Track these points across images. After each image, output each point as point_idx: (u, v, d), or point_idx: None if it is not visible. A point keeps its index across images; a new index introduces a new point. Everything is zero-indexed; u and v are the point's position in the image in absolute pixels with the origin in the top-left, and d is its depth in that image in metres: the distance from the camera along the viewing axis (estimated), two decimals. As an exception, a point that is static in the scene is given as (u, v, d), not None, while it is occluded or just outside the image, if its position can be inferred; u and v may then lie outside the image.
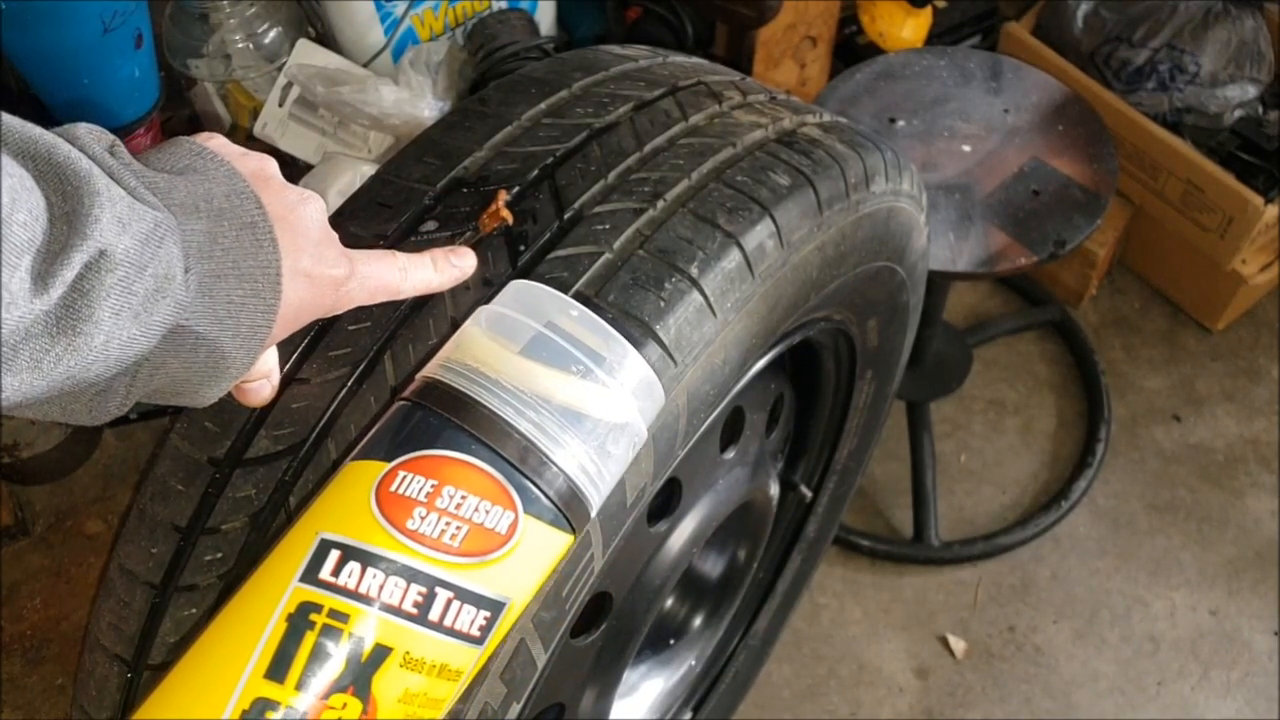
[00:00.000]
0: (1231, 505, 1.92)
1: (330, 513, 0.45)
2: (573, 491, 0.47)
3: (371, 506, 0.44)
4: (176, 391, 0.50)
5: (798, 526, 1.37)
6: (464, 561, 0.43)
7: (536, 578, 0.47)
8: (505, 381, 0.47)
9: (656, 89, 0.82)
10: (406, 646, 0.43)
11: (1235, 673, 1.74)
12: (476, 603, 0.44)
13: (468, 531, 0.44)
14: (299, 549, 0.44)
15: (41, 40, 1.28)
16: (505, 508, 0.45)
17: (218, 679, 0.42)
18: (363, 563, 0.42)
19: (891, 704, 1.71)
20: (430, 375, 0.49)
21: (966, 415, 2.02)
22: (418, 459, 0.45)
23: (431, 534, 0.43)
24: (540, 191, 0.73)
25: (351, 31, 1.51)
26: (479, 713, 0.69)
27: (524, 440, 0.46)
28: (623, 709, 1.20)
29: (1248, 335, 2.14)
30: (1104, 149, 1.58)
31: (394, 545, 0.43)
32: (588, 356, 0.49)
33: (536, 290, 0.52)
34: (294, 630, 0.42)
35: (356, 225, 0.73)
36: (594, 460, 0.48)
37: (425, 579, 0.43)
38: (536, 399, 0.46)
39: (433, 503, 0.44)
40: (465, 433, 0.45)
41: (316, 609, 0.42)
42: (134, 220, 0.44)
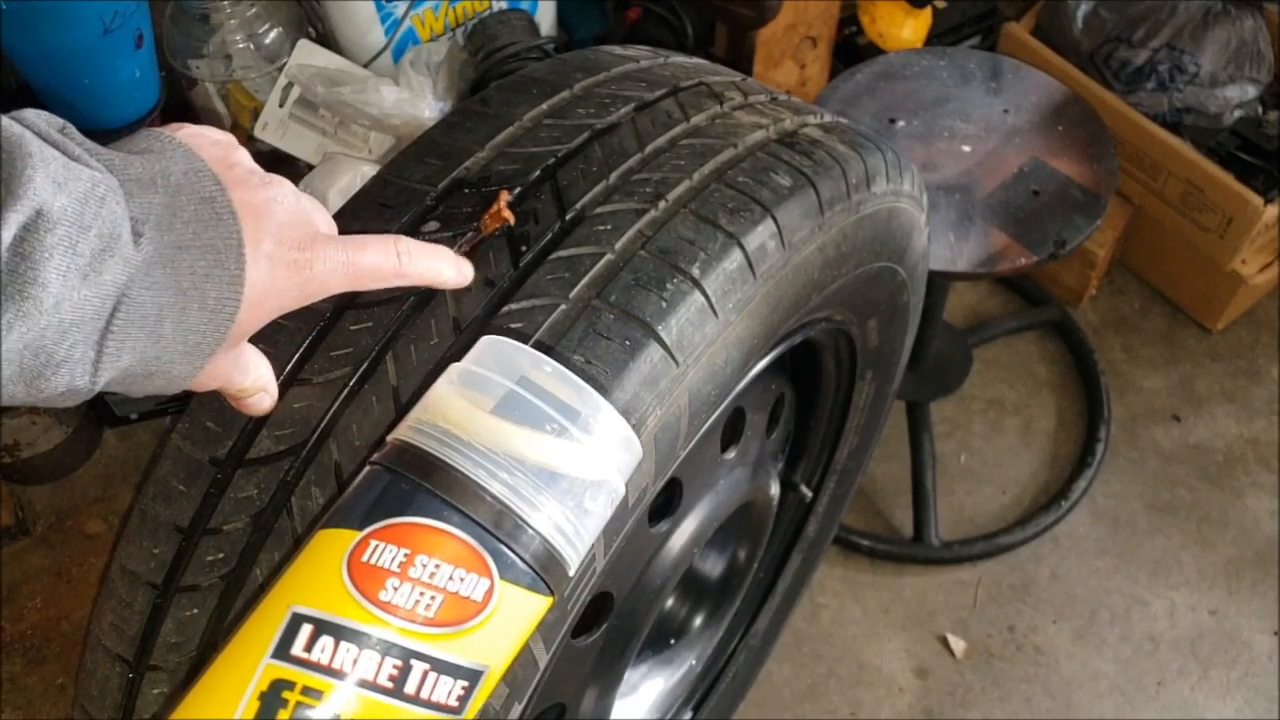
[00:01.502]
0: (1231, 505, 1.92)
1: (302, 585, 0.44)
2: (549, 553, 0.46)
3: (343, 578, 0.43)
4: (148, 371, 0.49)
5: (798, 526, 1.37)
6: (439, 632, 0.43)
7: (514, 642, 0.46)
8: (477, 443, 0.46)
9: (658, 90, 0.82)
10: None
11: (1235, 673, 1.74)
12: (454, 673, 0.43)
13: (442, 601, 0.43)
14: (270, 623, 0.43)
15: (42, 40, 1.28)
16: (480, 575, 0.44)
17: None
18: (336, 637, 0.42)
19: (891, 704, 1.71)
20: (401, 438, 0.48)
21: (966, 415, 2.02)
22: (389, 527, 0.44)
23: (405, 605, 0.42)
24: (542, 192, 0.73)
25: (352, 32, 1.51)
26: (480, 713, 0.69)
27: (498, 504, 0.45)
28: (623, 709, 1.20)
29: (1247, 335, 2.14)
30: (1104, 149, 1.58)
31: (367, 618, 0.42)
32: (562, 413, 0.48)
33: (508, 346, 0.51)
34: (267, 708, 0.41)
35: (358, 225, 0.73)
36: (571, 520, 0.47)
37: (400, 651, 0.42)
38: (510, 460, 0.45)
39: (406, 572, 0.43)
40: (438, 498, 0.44)
41: (289, 686, 0.41)
42: (70, 180, 0.44)
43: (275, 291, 0.55)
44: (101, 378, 0.46)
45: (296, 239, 0.56)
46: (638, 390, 0.66)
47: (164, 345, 0.48)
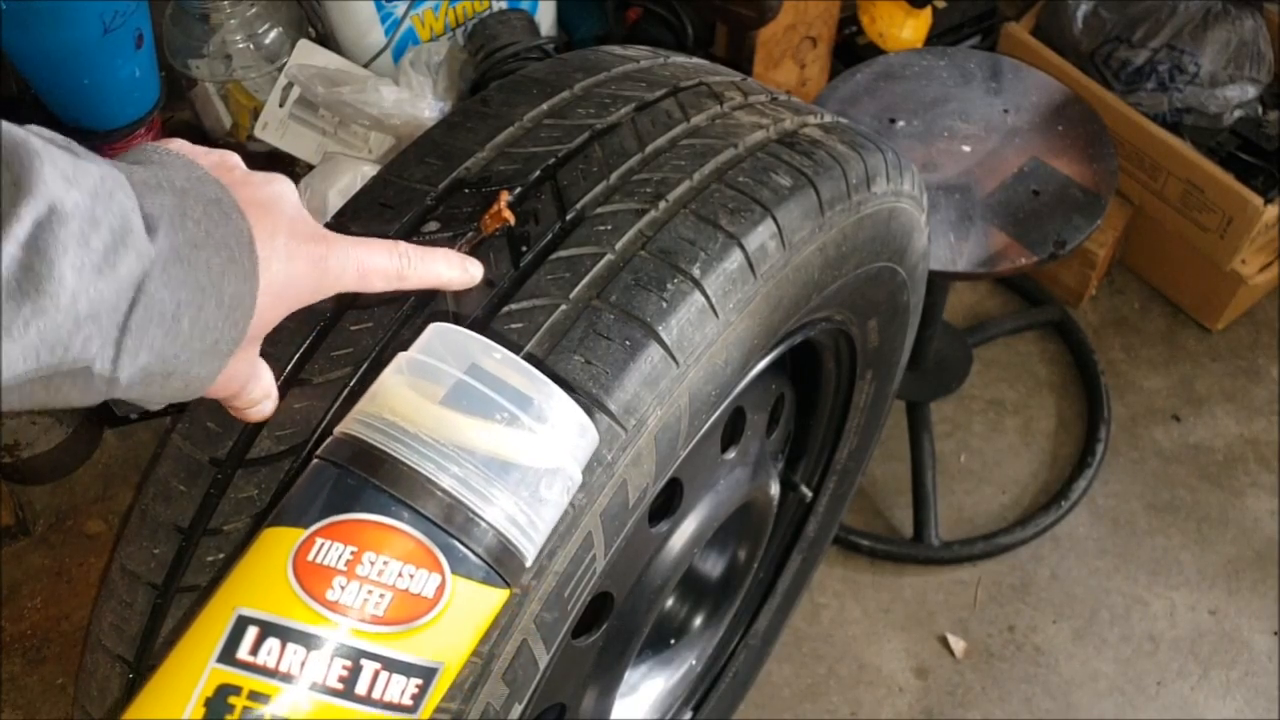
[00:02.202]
0: (1231, 505, 1.92)
1: (247, 586, 0.43)
2: (503, 545, 0.45)
3: (289, 578, 0.42)
4: (167, 371, 0.48)
5: (798, 526, 1.37)
6: (390, 630, 0.42)
7: (470, 638, 0.45)
8: (425, 435, 0.44)
9: (658, 90, 0.82)
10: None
11: (1235, 673, 1.74)
12: (406, 671, 0.42)
13: (392, 599, 0.42)
14: (215, 627, 0.42)
15: (42, 40, 1.28)
16: (431, 570, 0.42)
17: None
18: (282, 639, 0.40)
19: (891, 704, 1.71)
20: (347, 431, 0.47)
21: (966, 415, 2.02)
22: (335, 524, 0.42)
23: (353, 604, 0.41)
24: (542, 192, 0.73)
25: (352, 32, 1.51)
26: (481, 713, 0.69)
27: (448, 497, 0.43)
28: (624, 709, 1.20)
29: (1247, 335, 2.14)
30: (1104, 149, 1.58)
31: (314, 618, 0.41)
32: (513, 401, 0.46)
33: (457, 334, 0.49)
34: (213, 713, 0.40)
35: (358, 225, 0.73)
36: (525, 510, 0.46)
37: (349, 651, 0.41)
38: (460, 451, 0.44)
39: (353, 570, 0.41)
40: (385, 493, 0.43)
41: (235, 691, 0.40)
42: (80, 175, 0.44)
43: (292, 285, 0.55)
44: (121, 376, 0.45)
45: (309, 232, 0.56)
46: (638, 390, 0.66)
47: (182, 343, 0.48)
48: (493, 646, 0.67)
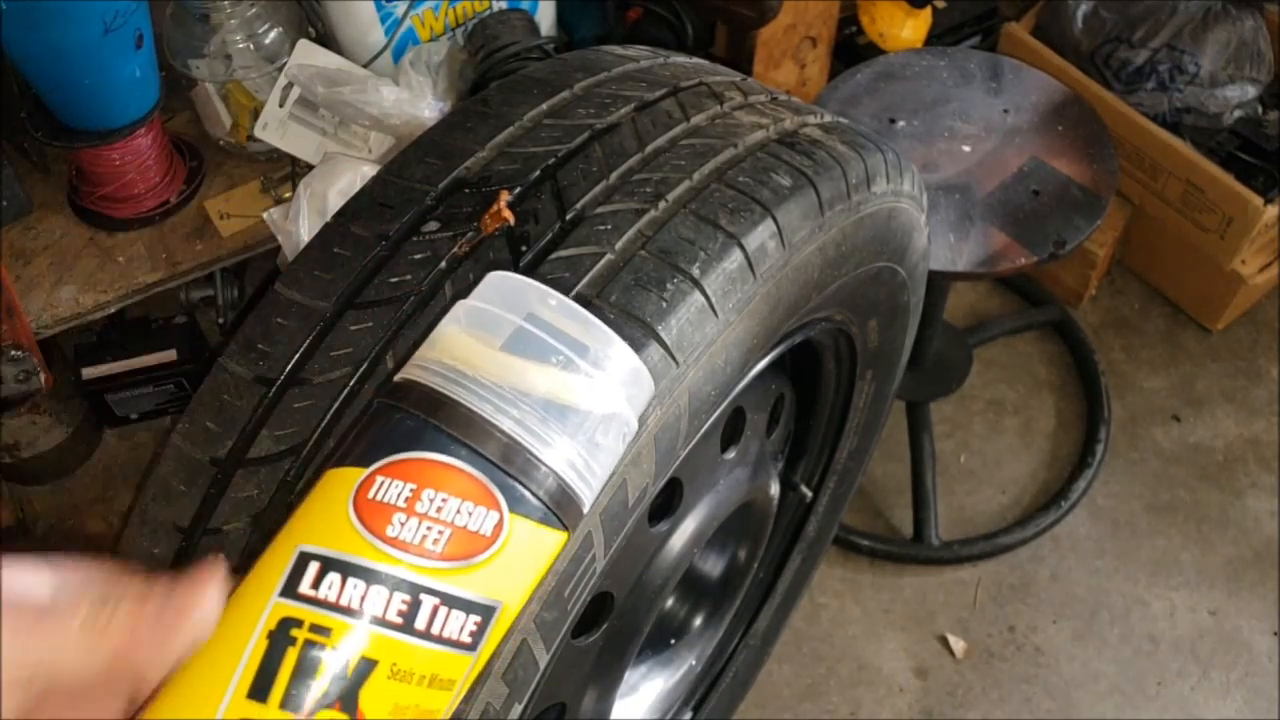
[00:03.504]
0: (1231, 505, 1.92)
1: (309, 524, 0.43)
2: (562, 488, 0.45)
3: (349, 515, 0.42)
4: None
5: (798, 526, 1.37)
6: (448, 566, 0.42)
7: (529, 578, 0.46)
8: (484, 378, 0.45)
9: (658, 90, 0.82)
10: (394, 658, 0.41)
11: (1235, 673, 1.74)
12: (465, 608, 0.42)
13: (450, 535, 0.42)
14: (278, 563, 0.42)
15: (42, 40, 1.28)
16: (489, 508, 0.43)
17: (198, 705, 0.40)
18: (343, 574, 0.41)
19: (891, 704, 1.71)
20: (406, 376, 0.47)
21: (966, 415, 2.02)
22: (396, 463, 0.43)
23: (412, 540, 0.41)
24: (542, 192, 0.73)
25: (352, 32, 1.51)
26: (481, 713, 0.69)
27: (506, 438, 0.44)
28: (624, 709, 1.20)
29: (1247, 336, 2.14)
30: (1104, 149, 1.58)
31: (374, 554, 0.41)
32: (570, 348, 0.46)
33: (515, 282, 0.49)
34: (275, 647, 0.40)
35: (358, 226, 0.73)
36: (582, 455, 0.46)
37: (409, 587, 0.41)
38: (518, 394, 0.44)
39: (412, 507, 0.42)
40: (444, 434, 0.43)
41: (297, 624, 0.40)
42: None
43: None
44: None
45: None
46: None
47: None
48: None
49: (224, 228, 1.51)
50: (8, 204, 1.47)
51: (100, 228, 1.50)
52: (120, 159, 1.44)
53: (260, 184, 1.55)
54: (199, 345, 1.73)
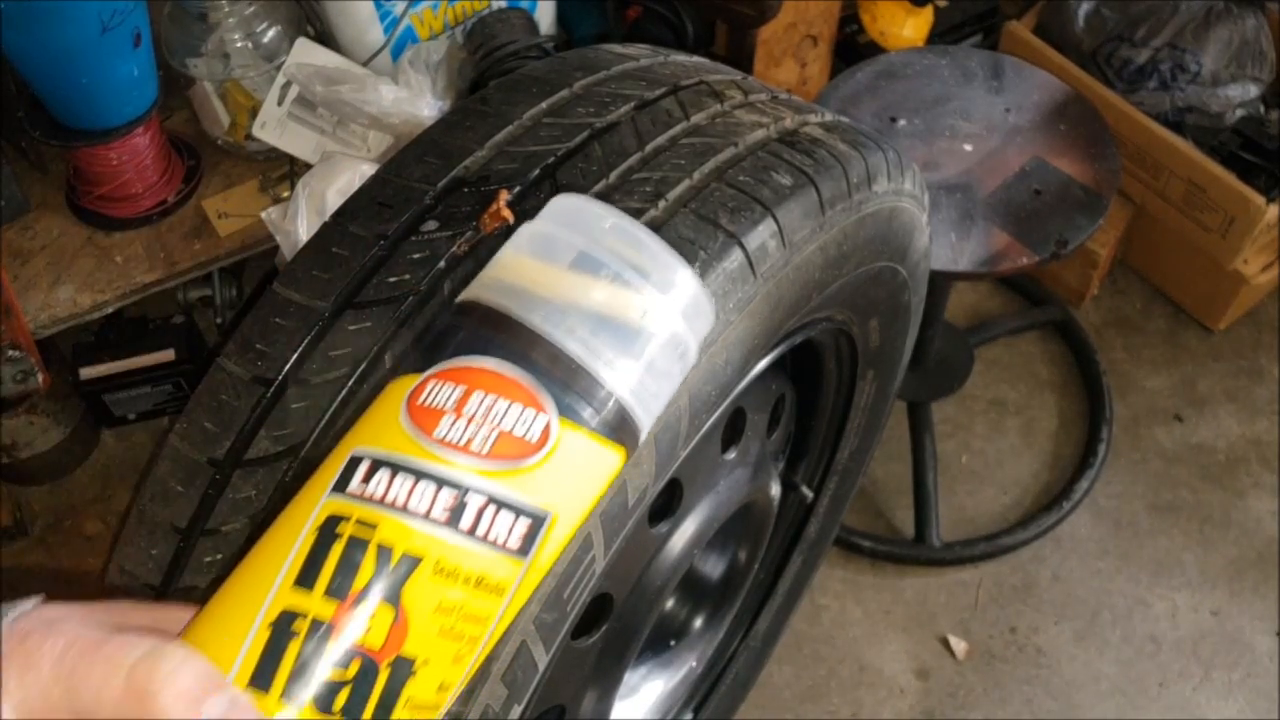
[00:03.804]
0: (1233, 506, 1.92)
1: (364, 430, 0.44)
2: (618, 405, 0.45)
3: (401, 418, 0.43)
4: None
5: (799, 527, 1.36)
6: (495, 468, 0.42)
7: (586, 493, 0.45)
8: (541, 294, 0.45)
9: (658, 88, 0.81)
10: (438, 554, 0.41)
11: (1237, 674, 1.74)
12: (514, 511, 0.42)
13: (498, 437, 0.42)
14: (332, 466, 0.43)
15: (40, 39, 1.28)
16: (537, 412, 0.43)
17: (249, 594, 0.41)
18: (391, 471, 0.42)
19: (892, 705, 1.71)
20: (467, 295, 0.48)
21: (968, 415, 2.02)
22: (449, 369, 0.44)
23: (459, 440, 0.42)
24: (542, 191, 0.73)
25: (351, 30, 1.51)
26: (480, 714, 0.69)
27: (557, 349, 0.44)
28: (623, 710, 1.20)
29: (1249, 335, 2.13)
30: (1106, 148, 1.57)
31: (420, 452, 0.42)
32: (635, 271, 0.47)
33: (580, 204, 0.49)
34: (323, 540, 0.41)
35: (357, 225, 0.73)
36: (640, 376, 0.46)
37: (454, 485, 0.42)
38: (574, 310, 0.45)
39: (460, 409, 0.43)
40: (495, 343, 0.44)
41: (344, 519, 0.41)
42: None
43: None
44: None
45: None
46: (638, 391, 0.66)
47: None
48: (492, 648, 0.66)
49: (222, 227, 1.50)
50: (5, 204, 1.47)
51: (98, 227, 1.50)
52: (118, 158, 1.44)
53: (258, 183, 1.55)
54: (197, 345, 1.72)
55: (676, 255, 0.48)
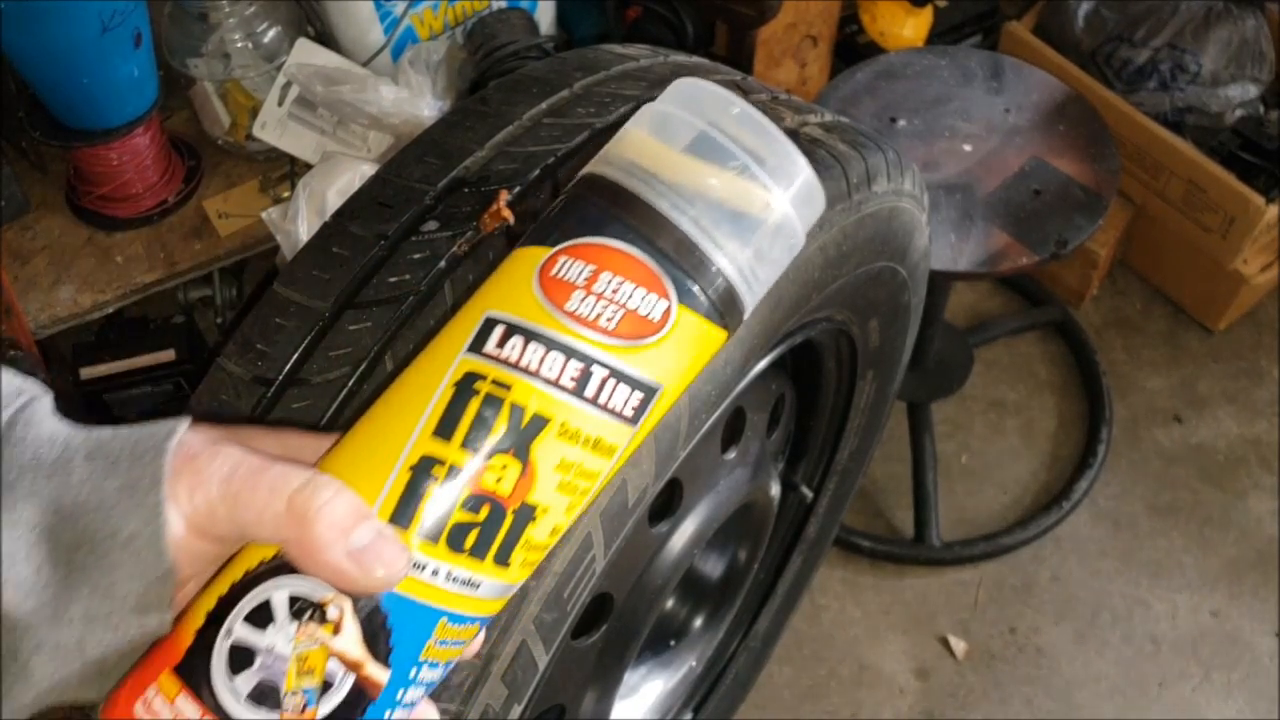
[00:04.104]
0: (1233, 506, 1.92)
1: (495, 294, 0.47)
2: (728, 288, 0.48)
3: (534, 288, 0.46)
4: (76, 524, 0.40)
5: (798, 527, 1.36)
6: (619, 344, 0.45)
7: (688, 369, 0.49)
8: (664, 176, 0.48)
9: (658, 89, 0.81)
10: (564, 418, 0.45)
11: (1236, 674, 1.74)
12: (631, 384, 0.46)
13: (623, 315, 0.45)
14: (466, 325, 0.46)
15: (40, 39, 1.28)
16: (660, 296, 0.46)
17: (389, 437, 0.44)
18: (525, 338, 0.45)
19: (892, 705, 1.71)
20: (592, 170, 0.50)
21: (967, 416, 2.02)
22: (578, 246, 0.46)
23: (588, 315, 0.45)
24: (542, 191, 0.73)
25: (351, 30, 1.51)
26: (481, 714, 0.69)
27: (681, 234, 0.47)
28: (623, 710, 1.20)
29: (1249, 336, 2.13)
30: (1105, 149, 1.57)
31: (553, 323, 0.45)
32: (751, 156, 0.48)
33: (700, 88, 0.51)
34: (460, 396, 0.44)
35: (357, 225, 0.73)
36: (750, 260, 0.48)
37: (582, 357, 0.45)
38: (695, 195, 0.47)
39: (590, 287, 0.45)
40: (625, 224, 0.47)
41: (481, 378, 0.44)
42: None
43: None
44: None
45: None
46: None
47: (77, 479, 0.41)
48: (491, 647, 0.66)
49: (222, 227, 1.50)
50: (6, 204, 1.47)
51: (98, 227, 1.50)
52: (118, 158, 1.44)
53: (259, 183, 1.55)
54: (197, 345, 1.72)
55: (791, 143, 0.50)
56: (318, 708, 0.42)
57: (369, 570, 0.41)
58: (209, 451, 0.42)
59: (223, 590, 0.43)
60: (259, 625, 0.42)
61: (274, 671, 0.42)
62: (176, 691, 0.42)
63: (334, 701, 0.42)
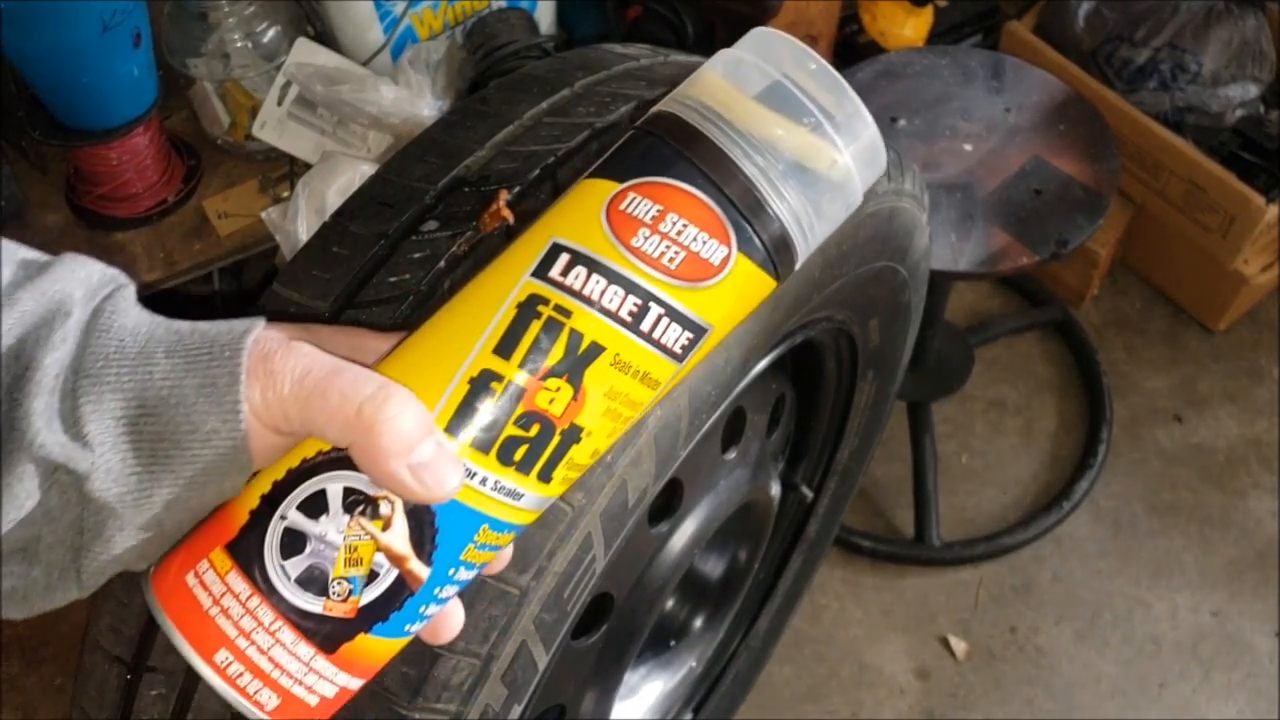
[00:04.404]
0: (1233, 506, 1.92)
1: (563, 221, 0.48)
2: (785, 239, 0.49)
3: (601, 220, 0.47)
4: (158, 417, 0.42)
5: (799, 527, 1.36)
6: (677, 284, 0.47)
7: (737, 312, 0.51)
8: (737, 123, 0.48)
9: (659, 88, 0.81)
10: (618, 349, 0.47)
11: (1237, 674, 1.74)
12: (683, 324, 0.48)
13: (685, 257, 0.47)
14: (533, 249, 0.47)
15: (41, 40, 1.28)
16: (721, 242, 0.48)
17: (451, 349, 0.46)
18: (588, 268, 0.46)
19: (892, 705, 1.71)
20: (665, 108, 0.51)
21: (968, 416, 2.02)
22: (647, 184, 0.48)
23: (652, 253, 0.47)
24: (542, 191, 0.73)
25: (351, 30, 1.50)
26: (481, 714, 0.69)
27: (747, 182, 0.48)
28: (623, 710, 1.20)
29: (1249, 336, 2.13)
30: (1106, 148, 1.57)
31: (618, 258, 0.46)
32: (820, 111, 0.49)
33: (777, 39, 0.52)
34: (522, 316, 0.46)
35: (357, 225, 0.73)
36: (809, 214, 0.50)
37: (642, 293, 0.46)
38: (765, 145, 0.48)
39: (656, 226, 0.47)
40: (694, 166, 0.48)
41: (544, 301, 0.46)
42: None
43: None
44: (88, 429, 0.41)
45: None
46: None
47: (159, 375, 0.42)
48: (491, 648, 0.66)
49: (222, 227, 1.50)
50: (5, 203, 1.47)
51: (98, 227, 1.49)
52: (118, 158, 1.44)
53: (258, 183, 1.55)
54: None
55: (860, 103, 0.51)
56: (361, 596, 0.44)
57: (426, 484, 0.43)
58: (283, 350, 0.44)
59: (279, 475, 0.45)
60: (312, 514, 0.44)
61: (323, 559, 0.44)
62: (228, 568, 0.44)
63: (376, 592, 0.45)
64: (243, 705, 0.44)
